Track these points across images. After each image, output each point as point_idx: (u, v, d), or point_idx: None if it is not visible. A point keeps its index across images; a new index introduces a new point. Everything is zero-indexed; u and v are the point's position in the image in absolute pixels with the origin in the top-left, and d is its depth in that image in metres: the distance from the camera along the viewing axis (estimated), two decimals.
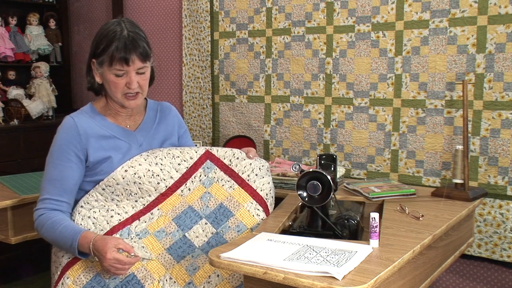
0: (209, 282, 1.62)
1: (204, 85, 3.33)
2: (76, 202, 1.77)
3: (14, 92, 3.73)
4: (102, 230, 1.72)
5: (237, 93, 3.18)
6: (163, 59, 3.59)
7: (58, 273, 1.70)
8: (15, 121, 3.61)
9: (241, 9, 3.11)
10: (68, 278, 1.67)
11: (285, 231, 1.78)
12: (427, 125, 2.55)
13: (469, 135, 2.42)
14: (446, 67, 2.47)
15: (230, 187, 1.87)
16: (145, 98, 1.90)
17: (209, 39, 3.26)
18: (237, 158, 1.92)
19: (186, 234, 1.77)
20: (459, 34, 2.43)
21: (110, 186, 1.75)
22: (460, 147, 2.22)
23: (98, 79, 1.76)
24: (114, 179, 1.74)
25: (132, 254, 1.58)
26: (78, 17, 4.19)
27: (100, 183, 1.75)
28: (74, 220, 1.72)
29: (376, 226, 1.50)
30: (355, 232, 1.76)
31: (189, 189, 1.86)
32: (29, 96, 3.84)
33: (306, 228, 1.75)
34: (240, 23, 3.12)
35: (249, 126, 3.14)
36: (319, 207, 1.73)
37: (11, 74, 3.85)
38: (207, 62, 3.29)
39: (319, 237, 1.62)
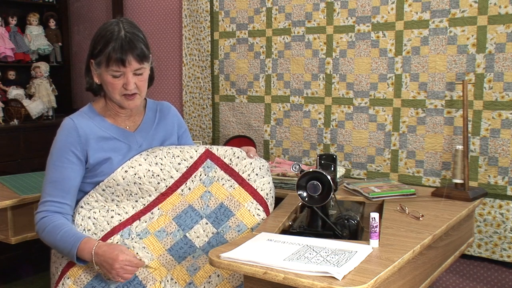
0: (209, 282, 1.62)
1: (204, 85, 3.33)
2: (76, 203, 1.76)
3: (14, 92, 3.73)
4: (102, 230, 1.72)
5: (237, 93, 3.18)
6: (163, 59, 3.59)
7: (59, 273, 1.70)
8: (15, 121, 3.60)
9: (241, 9, 3.11)
10: (68, 278, 1.67)
11: (285, 231, 1.78)
12: (427, 125, 2.55)
13: (469, 135, 2.42)
14: (446, 67, 2.47)
15: (231, 186, 1.87)
16: (145, 98, 1.90)
17: (209, 39, 3.26)
18: (237, 157, 1.92)
19: (187, 234, 1.77)
20: (459, 34, 2.43)
21: (110, 187, 1.75)
22: (460, 147, 2.22)
23: (96, 80, 1.75)
24: (114, 180, 1.74)
25: (139, 257, 1.59)
26: (78, 17, 4.19)
27: (100, 184, 1.74)
28: (74, 221, 1.71)
29: (376, 226, 1.50)
30: (355, 232, 1.76)
31: (189, 189, 1.86)
32: (29, 96, 3.84)
33: (306, 228, 1.75)
34: (240, 23, 3.12)
35: (249, 126, 3.14)
36: (319, 207, 1.73)
37: (11, 74, 3.85)
38: (207, 62, 3.29)
39: (319, 237, 1.62)
